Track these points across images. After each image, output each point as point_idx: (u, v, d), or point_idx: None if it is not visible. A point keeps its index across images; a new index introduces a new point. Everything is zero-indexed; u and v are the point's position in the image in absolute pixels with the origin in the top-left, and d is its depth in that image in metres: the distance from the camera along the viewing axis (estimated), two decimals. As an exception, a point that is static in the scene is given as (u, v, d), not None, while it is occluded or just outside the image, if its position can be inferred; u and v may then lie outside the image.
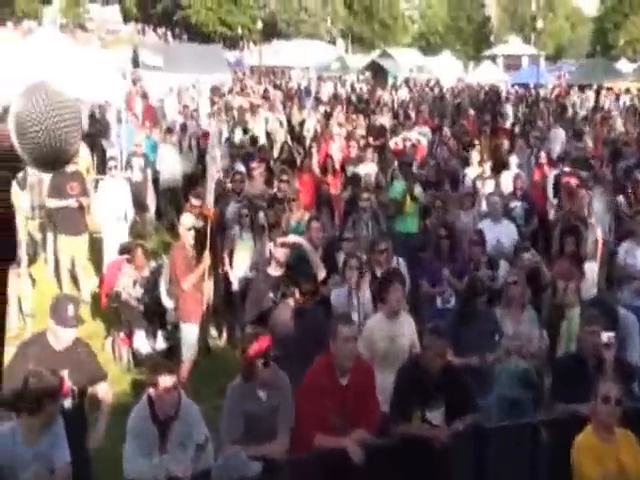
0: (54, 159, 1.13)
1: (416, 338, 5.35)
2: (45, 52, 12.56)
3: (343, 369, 4.40)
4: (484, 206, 8.92)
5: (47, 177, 9.95)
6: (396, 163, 10.77)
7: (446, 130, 14.13)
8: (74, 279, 9.70)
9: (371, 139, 13.64)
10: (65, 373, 4.38)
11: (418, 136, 13.69)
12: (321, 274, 6.00)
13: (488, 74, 34.60)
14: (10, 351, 4.40)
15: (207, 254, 6.72)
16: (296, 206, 8.88)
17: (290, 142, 14.47)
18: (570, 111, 19.96)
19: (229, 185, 9.33)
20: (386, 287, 5.40)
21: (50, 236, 10.00)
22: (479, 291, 5.79)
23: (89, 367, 4.62)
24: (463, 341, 5.45)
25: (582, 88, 25.58)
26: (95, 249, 10.21)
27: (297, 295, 5.44)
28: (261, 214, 9.12)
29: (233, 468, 3.93)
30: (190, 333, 6.90)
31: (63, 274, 9.52)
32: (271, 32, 49.39)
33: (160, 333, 7.66)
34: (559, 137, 13.69)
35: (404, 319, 5.50)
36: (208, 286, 7.24)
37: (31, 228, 10.89)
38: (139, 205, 10.79)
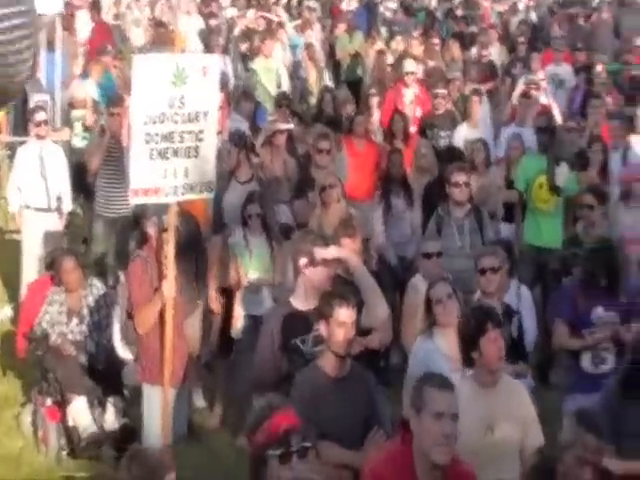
0: None
1: (536, 425, 5.35)
2: None
3: (432, 470, 4.35)
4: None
5: None
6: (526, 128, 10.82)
7: (599, 69, 13.99)
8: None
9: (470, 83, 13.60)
10: None
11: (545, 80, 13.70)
12: (381, 312, 6.03)
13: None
14: None
15: (172, 275, 6.82)
16: (341, 194, 8.90)
17: (333, 87, 14.51)
18: None
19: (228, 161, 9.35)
20: (477, 334, 5.40)
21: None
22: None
23: None
24: (631, 433, 5.38)
25: None
26: (9, 258, 10.40)
27: (338, 346, 5.43)
28: (283, 208, 9.15)
29: None
30: (155, 402, 6.98)
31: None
32: None
33: (112, 402, 7.73)
34: None
35: (511, 390, 5.49)
36: (191, 327, 7.29)
37: None
38: (82, 187, 10.89)
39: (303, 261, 6.13)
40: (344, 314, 5.40)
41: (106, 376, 7.80)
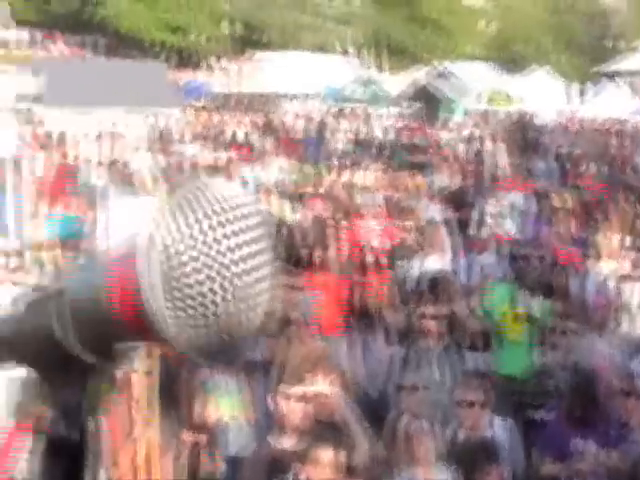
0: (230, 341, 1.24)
1: None
2: None
3: None
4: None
5: None
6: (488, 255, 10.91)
7: (554, 197, 14.34)
8: None
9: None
10: None
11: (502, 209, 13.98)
12: (361, 449, 5.91)
13: (608, 103, 35.21)
14: None
15: (155, 423, 6.64)
16: (308, 330, 8.90)
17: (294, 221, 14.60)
18: None
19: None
20: (476, 471, 5.48)
21: None
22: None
23: None
24: None
25: None
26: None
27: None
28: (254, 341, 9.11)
29: None
30: None
31: None
32: (250, 40, 50.54)
33: None
34: None
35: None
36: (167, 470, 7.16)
37: None
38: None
39: (280, 398, 6.10)
40: (326, 456, 5.37)
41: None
